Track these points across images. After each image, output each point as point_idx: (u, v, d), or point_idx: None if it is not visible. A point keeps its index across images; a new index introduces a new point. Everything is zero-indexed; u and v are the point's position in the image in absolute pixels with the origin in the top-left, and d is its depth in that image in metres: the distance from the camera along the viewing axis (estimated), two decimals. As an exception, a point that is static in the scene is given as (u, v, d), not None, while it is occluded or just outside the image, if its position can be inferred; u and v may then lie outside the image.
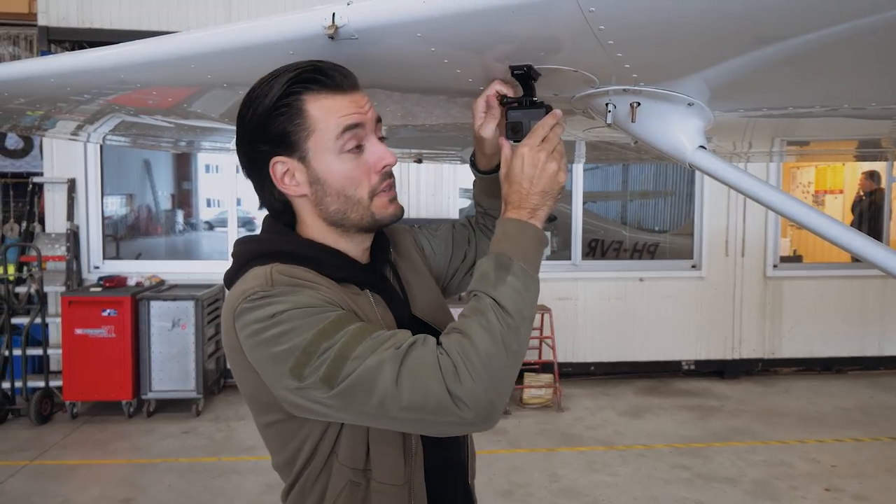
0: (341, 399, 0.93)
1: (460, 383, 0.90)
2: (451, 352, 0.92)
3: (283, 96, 1.03)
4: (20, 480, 4.15)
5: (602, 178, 7.73)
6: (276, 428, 1.08)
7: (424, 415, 0.91)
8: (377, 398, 0.92)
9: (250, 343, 0.98)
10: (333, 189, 1.07)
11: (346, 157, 1.06)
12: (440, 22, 0.90)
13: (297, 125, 1.04)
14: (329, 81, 1.04)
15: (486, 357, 0.91)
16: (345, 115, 1.05)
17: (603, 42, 0.89)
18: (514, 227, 1.04)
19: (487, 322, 0.93)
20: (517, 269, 0.99)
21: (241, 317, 0.99)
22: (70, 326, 5.10)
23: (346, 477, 1.06)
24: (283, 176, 1.08)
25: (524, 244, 1.02)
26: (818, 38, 0.83)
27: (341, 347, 0.93)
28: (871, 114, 1.32)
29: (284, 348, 0.95)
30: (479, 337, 0.92)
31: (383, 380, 0.91)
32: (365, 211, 1.10)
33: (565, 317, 6.17)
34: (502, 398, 0.93)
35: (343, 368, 0.92)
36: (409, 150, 2.42)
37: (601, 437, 4.93)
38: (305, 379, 0.94)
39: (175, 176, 8.03)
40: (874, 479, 4.20)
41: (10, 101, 1.46)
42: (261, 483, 4.06)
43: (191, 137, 2.22)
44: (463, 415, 0.90)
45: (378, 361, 0.92)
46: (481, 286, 0.98)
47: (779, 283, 6.52)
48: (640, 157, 2.70)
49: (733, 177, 1.10)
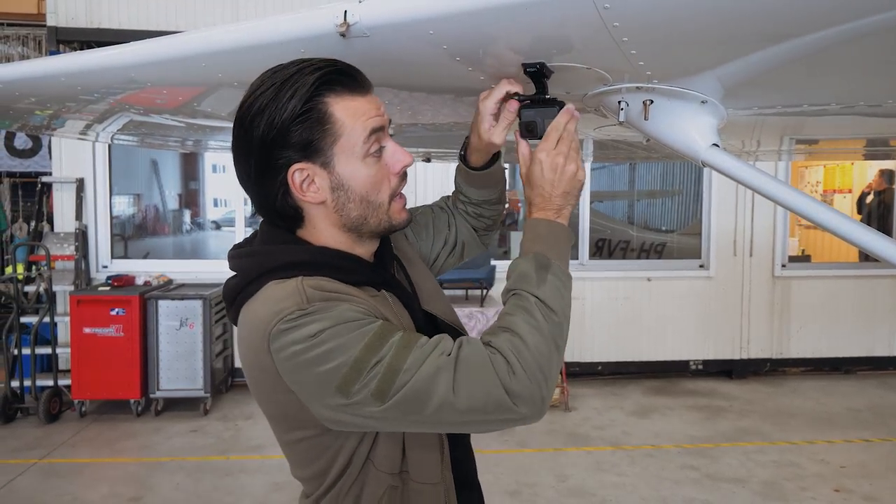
0: (395, 411, 0.93)
1: (516, 380, 0.91)
2: (504, 350, 0.93)
3: (308, 100, 0.98)
4: (29, 478, 4.17)
5: (609, 177, 7.71)
6: (307, 443, 1.06)
7: (482, 415, 0.93)
8: (434, 406, 0.92)
9: (291, 364, 0.95)
10: (357, 194, 1.05)
11: (370, 161, 1.04)
12: (452, 19, 0.89)
13: (325, 130, 1.00)
14: (351, 82, 1.01)
15: (538, 353, 0.94)
16: (371, 118, 1.03)
17: (617, 39, 0.88)
18: (544, 228, 1.07)
19: (535, 320, 0.96)
20: (556, 268, 1.02)
21: (279, 338, 0.95)
22: (79, 325, 5.12)
23: (386, 483, 1.05)
24: (302, 183, 1.03)
25: (557, 244, 1.06)
26: (833, 35, 0.82)
27: (391, 360, 0.92)
28: (886, 111, 1.31)
29: (330, 367, 0.93)
30: (529, 335, 0.94)
31: (440, 388, 0.91)
32: (384, 216, 1.09)
33: (573, 316, 6.01)
34: (551, 392, 0.96)
35: (395, 381, 0.92)
36: (418, 150, 2.42)
37: (609, 436, 4.91)
38: (354, 395, 0.92)
39: (182, 176, 8.05)
40: (884, 480, 4.17)
41: (20, 100, 1.46)
42: (269, 482, 4.07)
43: (199, 136, 2.22)
44: (520, 410, 0.92)
45: (433, 370, 0.92)
46: (524, 286, 1.00)
47: (787, 282, 6.49)
48: (648, 155, 2.69)
49: (747, 175, 1.09)
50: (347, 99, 1.01)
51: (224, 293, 1.10)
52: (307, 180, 1.03)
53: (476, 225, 1.43)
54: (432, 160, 2.63)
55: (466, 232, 1.42)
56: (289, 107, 0.98)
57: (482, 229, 1.44)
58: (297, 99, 0.98)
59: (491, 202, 1.40)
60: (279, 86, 0.98)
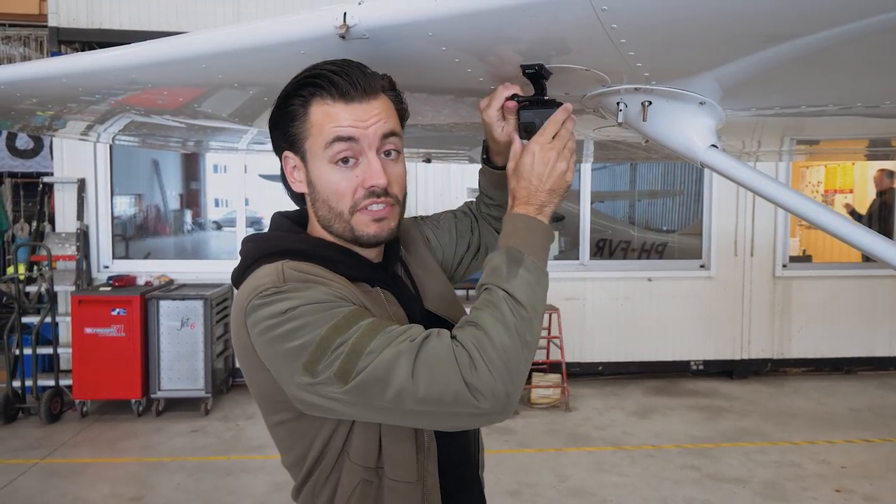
0: (356, 394, 0.93)
1: (477, 374, 0.90)
2: (467, 344, 0.92)
3: (293, 94, 1.05)
4: (31, 478, 4.18)
5: (610, 177, 7.70)
6: (286, 427, 1.08)
7: (441, 407, 0.91)
8: (393, 391, 0.91)
9: (262, 340, 0.98)
10: (321, 196, 1.08)
11: (336, 168, 1.06)
12: (451, 21, 0.90)
13: (298, 125, 1.06)
14: (333, 89, 1.02)
15: (502, 348, 0.92)
16: (338, 126, 1.03)
17: (615, 41, 0.88)
18: (522, 223, 1.05)
19: (501, 314, 0.94)
20: (529, 262, 1.00)
21: (253, 313, 0.98)
22: (80, 325, 5.12)
23: (359, 475, 1.06)
24: (293, 170, 1.11)
25: (533, 239, 1.03)
26: (831, 37, 0.83)
27: (355, 342, 0.93)
28: (884, 112, 1.31)
29: (297, 344, 0.94)
30: (493, 329, 0.93)
31: (399, 373, 0.91)
32: (346, 225, 1.08)
33: (573, 317, 6.16)
34: (517, 389, 0.93)
35: (358, 363, 0.92)
36: (418, 150, 2.43)
37: (609, 437, 4.92)
38: (319, 375, 0.94)
39: (183, 176, 8.05)
40: (885, 480, 4.17)
41: (21, 101, 1.47)
42: (269, 482, 4.07)
43: (200, 137, 2.23)
44: (480, 405, 0.90)
45: (394, 354, 0.92)
46: (493, 279, 0.99)
47: (788, 282, 6.49)
48: (648, 156, 2.69)
49: (745, 176, 1.10)
50: (328, 103, 1.04)
51: (231, 278, 1.14)
52: (296, 169, 1.10)
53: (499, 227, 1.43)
54: (432, 161, 2.63)
55: (489, 235, 1.44)
56: (281, 95, 1.07)
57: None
58: (286, 90, 1.06)
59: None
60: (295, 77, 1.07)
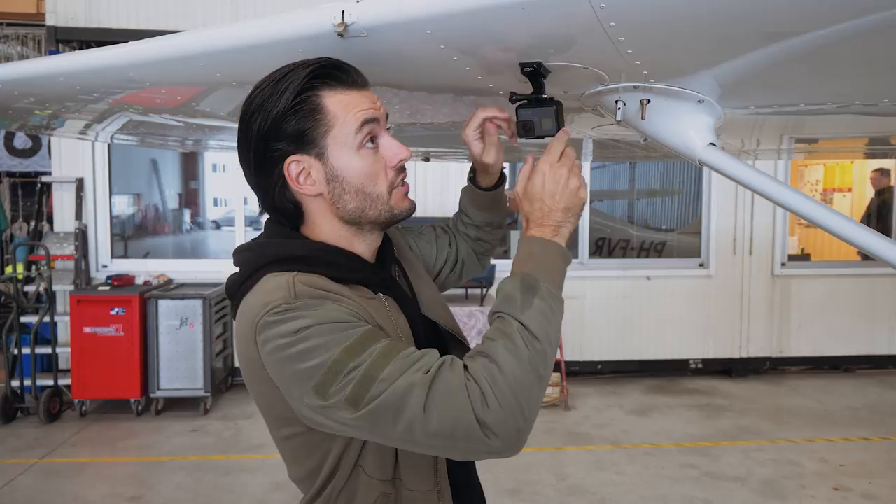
0: (366, 421, 0.90)
1: (489, 410, 0.87)
2: (479, 378, 0.89)
3: (301, 92, 1.00)
4: (30, 478, 4.18)
5: (609, 176, 7.70)
6: (296, 441, 1.05)
7: (452, 441, 0.89)
8: (404, 423, 0.89)
9: (273, 358, 0.95)
10: (352, 186, 1.05)
11: (365, 153, 1.05)
12: (450, 19, 0.90)
13: (317, 121, 1.02)
14: (345, 77, 1.03)
15: (515, 383, 0.89)
16: (362, 110, 1.04)
17: (614, 39, 0.88)
18: (538, 247, 1.02)
19: (515, 347, 0.91)
20: (544, 291, 0.96)
21: (264, 331, 0.95)
22: (79, 325, 5.12)
23: (378, 489, 1.04)
24: (299, 175, 1.04)
25: (549, 264, 1.00)
26: (830, 35, 0.83)
27: (369, 367, 0.90)
28: (883, 110, 1.31)
29: (310, 365, 0.92)
30: (506, 363, 0.90)
31: (411, 405, 0.88)
32: (384, 206, 1.08)
33: (572, 315, 6.16)
34: (529, 425, 0.90)
35: (370, 389, 0.89)
36: (417, 149, 2.43)
37: (608, 435, 4.92)
38: (330, 398, 0.91)
39: (182, 175, 8.04)
40: (883, 479, 4.17)
41: (19, 99, 1.47)
42: (269, 481, 4.07)
43: (198, 136, 2.23)
44: (491, 443, 0.88)
45: (407, 385, 0.89)
46: (507, 308, 0.96)
47: (787, 281, 6.49)
48: (647, 155, 2.69)
49: (743, 174, 1.10)
50: (340, 92, 1.03)
51: (226, 289, 1.11)
52: (303, 173, 1.05)
53: (475, 248, 1.47)
54: (431, 159, 2.63)
55: (466, 252, 1.46)
56: (282, 99, 1.00)
57: (481, 252, 1.48)
58: (289, 92, 1.00)
59: (492, 225, 1.44)
60: (276, 82, 1.02)
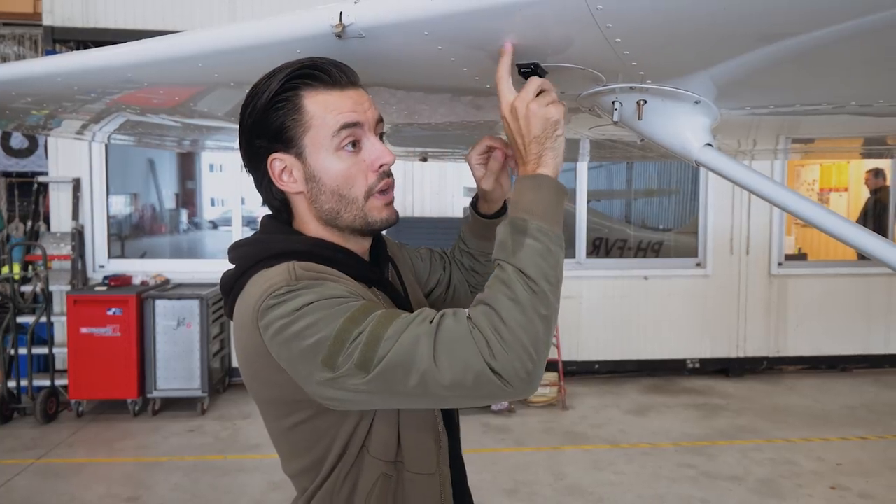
0: (379, 382, 0.91)
1: (495, 358, 0.88)
2: (482, 326, 0.89)
3: (281, 91, 1.02)
4: (26, 479, 4.17)
5: (606, 176, 7.71)
6: (305, 427, 1.05)
7: (467, 389, 0.89)
8: (416, 376, 0.89)
9: (278, 340, 0.96)
10: (328, 187, 1.06)
11: (343, 155, 1.05)
12: (447, 20, 0.90)
13: (294, 120, 1.03)
14: (326, 77, 1.03)
15: (518, 328, 0.89)
16: (342, 113, 1.04)
17: (610, 40, 0.89)
18: (525, 184, 1.00)
19: (513, 292, 0.91)
20: (534, 229, 0.95)
21: (266, 314, 0.96)
22: (75, 325, 5.12)
23: (379, 470, 1.05)
24: (281, 173, 1.07)
25: (538, 200, 0.98)
26: (825, 36, 0.83)
27: (372, 329, 0.91)
28: (878, 111, 1.32)
29: (315, 339, 0.93)
30: (505, 308, 0.90)
31: (421, 356, 0.89)
32: (358, 212, 1.08)
33: (569, 315, 6.17)
34: (539, 364, 0.91)
35: (378, 350, 0.90)
36: (415, 149, 2.43)
37: (606, 435, 4.93)
38: (339, 368, 0.92)
39: (179, 175, 8.04)
40: (880, 478, 4.19)
41: (16, 100, 1.47)
42: (266, 481, 4.07)
43: (195, 136, 2.23)
44: (506, 388, 0.89)
45: (412, 338, 0.90)
46: (501, 254, 0.96)
47: (784, 281, 6.51)
48: (644, 155, 2.69)
49: (740, 174, 1.10)
50: (322, 93, 1.03)
51: (221, 285, 1.11)
52: (286, 171, 1.07)
53: (468, 279, 1.46)
54: (429, 159, 2.63)
55: (458, 279, 1.45)
56: (264, 96, 1.03)
57: (473, 285, 1.47)
58: (271, 89, 1.03)
59: (488, 256, 1.41)
60: (266, 79, 1.04)
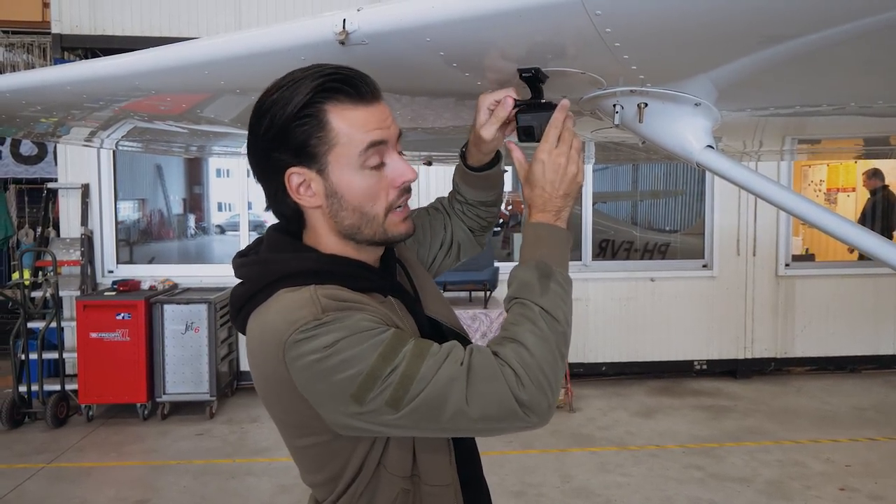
0: (410, 419, 0.95)
1: (525, 392, 0.95)
2: (511, 362, 0.96)
3: (306, 105, 0.99)
4: (37, 482, 4.20)
5: (612, 178, 7.72)
6: (319, 449, 1.06)
7: (494, 423, 0.96)
8: (448, 415, 0.95)
9: (307, 374, 0.96)
10: (350, 204, 1.04)
11: (368, 173, 1.04)
12: (449, 27, 0.91)
13: (320, 138, 1.00)
14: (354, 92, 1.00)
15: (544, 363, 0.97)
16: (370, 131, 1.02)
17: (609, 44, 0.90)
18: (545, 232, 1.08)
19: (540, 331, 0.98)
20: (558, 275, 1.04)
21: (295, 348, 0.95)
22: (85, 330, 5.15)
23: (398, 486, 1.07)
24: (299, 186, 1.04)
25: (557, 248, 1.07)
26: (824, 38, 0.84)
27: (405, 369, 0.94)
28: (878, 112, 1.32)
29: (346, 376, 0.94)
30: (534, 345, 0.97)
31: (453, 398, 0.94)
32: (378, 227, 1.07)
33: (576, 317, 6.15)
34: (556, 398, 0.98)
35: (410, 390, 0.94)
36: (419, 153, 2.44)
37: (613, 437, 4.92)
38: (368, 404, 0.94)
39: (187, 180, 8.08)
40: (890, 479, 4.17)
41: (26, 108, 1.49)
42: (274, 484, 4.09)
43: (202, 142, 2.25)
44: (529, 419, 0.96)
45: (446, 380, 0.94)
46: (527, 294, 1.02)
47: (791, 282, 6.49)
48: (649, 157, 2.70)
49: (741, 176, 1.11)
50: (349, 108, 1.00)
51: (231, 301, 1.10)
52: (304, 185, 1.04)
53: (471, 225, 1.43)
54: (433, 164, 2.65)
55: (462, 232, 1.42)
56: (287, 109, 0.99)
57: (478, 230, 1.44)
58: (295, 103, 0.98)
59: (487, 204, 1.40)
60: (285, 88, 1.00)
